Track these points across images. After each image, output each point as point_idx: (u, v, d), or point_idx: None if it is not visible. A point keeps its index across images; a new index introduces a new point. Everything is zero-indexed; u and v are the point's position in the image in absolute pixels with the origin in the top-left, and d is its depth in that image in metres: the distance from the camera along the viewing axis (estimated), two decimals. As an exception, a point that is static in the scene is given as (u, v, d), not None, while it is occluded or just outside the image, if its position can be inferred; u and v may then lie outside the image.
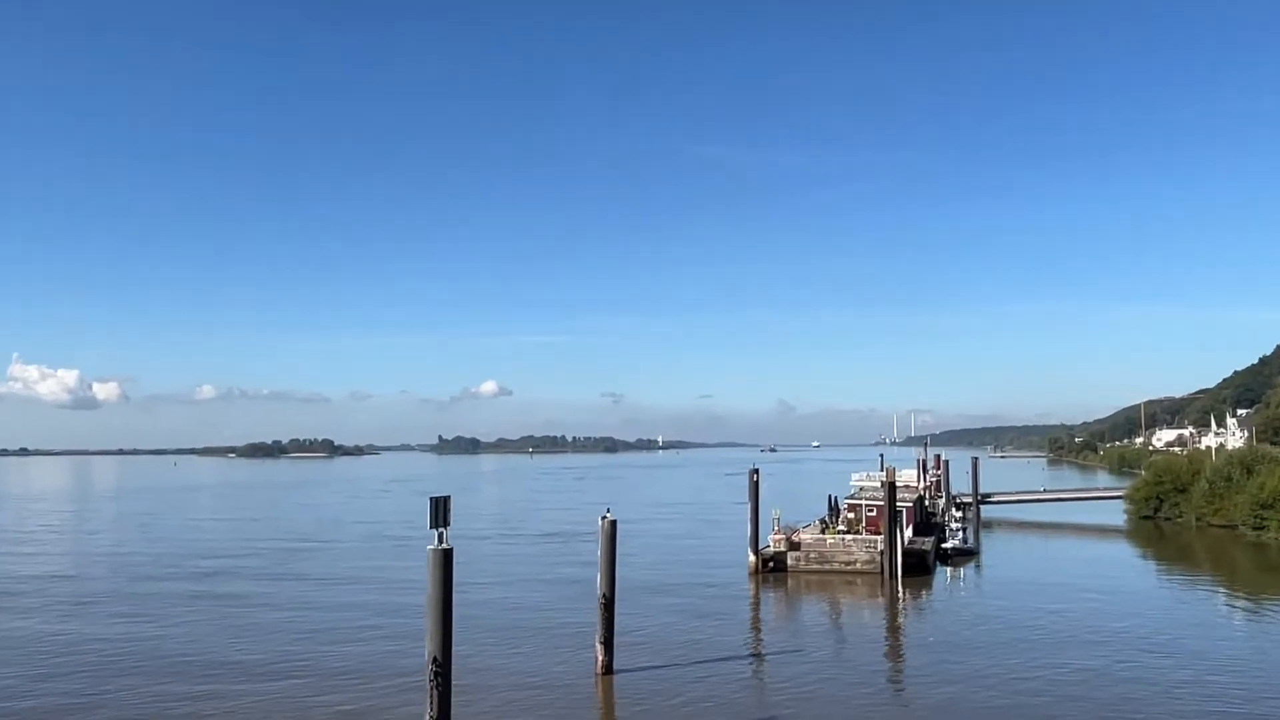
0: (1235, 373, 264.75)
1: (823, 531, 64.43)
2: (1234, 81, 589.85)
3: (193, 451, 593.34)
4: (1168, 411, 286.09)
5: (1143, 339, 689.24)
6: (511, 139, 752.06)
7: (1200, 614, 47.04)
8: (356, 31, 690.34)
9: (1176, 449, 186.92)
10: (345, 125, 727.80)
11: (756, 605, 51.41)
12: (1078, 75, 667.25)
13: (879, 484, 68.62)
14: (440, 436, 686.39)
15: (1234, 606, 49.71)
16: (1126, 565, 66.75)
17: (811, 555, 59.71)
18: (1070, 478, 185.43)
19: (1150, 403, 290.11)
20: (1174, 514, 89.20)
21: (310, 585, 56.90)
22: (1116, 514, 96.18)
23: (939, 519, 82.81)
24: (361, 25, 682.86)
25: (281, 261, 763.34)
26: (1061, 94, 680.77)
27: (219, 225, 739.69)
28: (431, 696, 23.88)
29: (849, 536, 61.55)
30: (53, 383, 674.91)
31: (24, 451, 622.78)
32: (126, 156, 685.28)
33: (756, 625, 46.32)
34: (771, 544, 60.85)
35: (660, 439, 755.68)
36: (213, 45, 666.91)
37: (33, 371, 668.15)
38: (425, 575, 24.02)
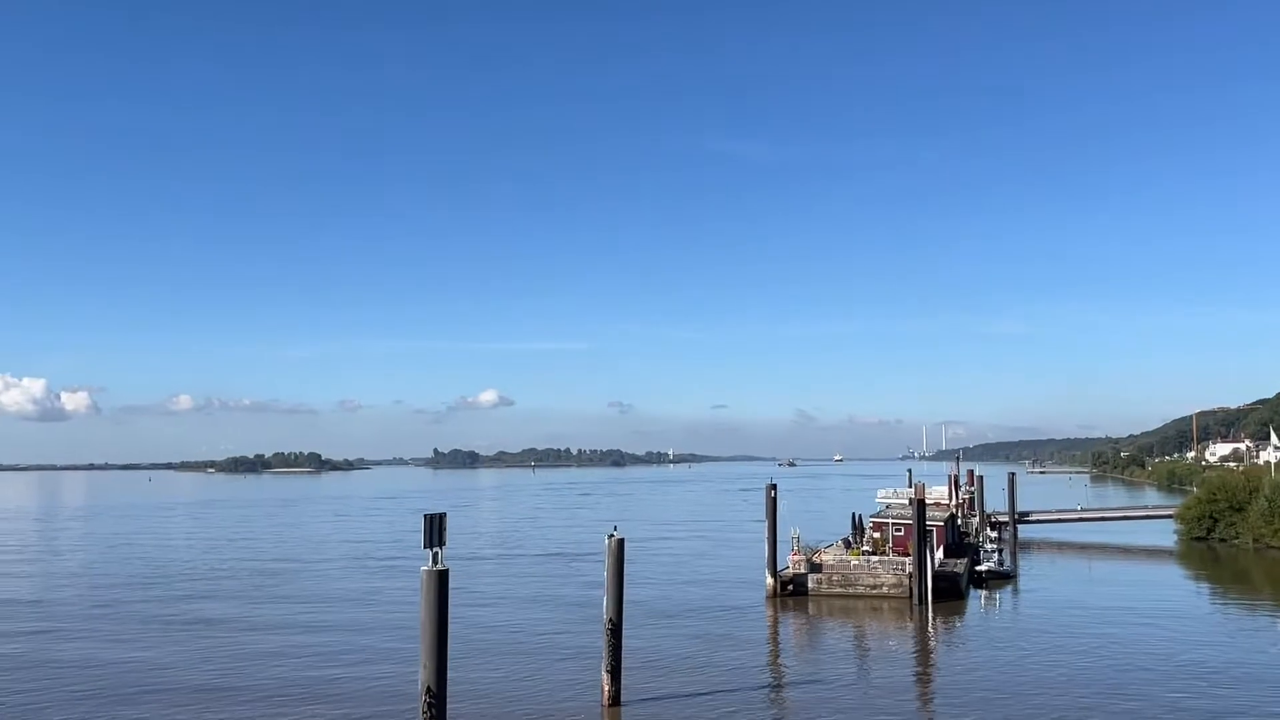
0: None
1: (846, 552, 64.30)
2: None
3: (169, 466, 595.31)
4: (1222, 423, 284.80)
5: (1195, 345, 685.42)
6: (511, 138, 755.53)
7: (1264, 643, 46.67)
8: (346, 29, 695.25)
9: (1232, 464, 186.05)
10: (333, 125, 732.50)
11: (774, 631, 51.35)
12: (1119, 70, 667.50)
13: (907, 501, 68.53)
14: (436, 450, 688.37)
15: (1299, 634, 49.43)
16: (1179, 590, 66.40)
17: (834, 578, 59.64)
18: (1115, 495, 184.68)
19: (1203, 414, 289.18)
20: (1229, 535, 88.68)
21: (291, 609, 57.03)
22: (1166, 535, 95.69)
23: (972, 539, 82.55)
24: (351, 23, 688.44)
25: (264, 263, 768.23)
26: (1103, 89, 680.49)
27: (196, 223, 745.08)
28: (424, 728, 23.91)
29: (874, 558, 61.41)
30: (16, 393, 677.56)
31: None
32: (96, 149, 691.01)
33: (775, 653, 46.26)
34: (790, 565, 60.79)
35: (671, 452, 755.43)
36: (192, 42, 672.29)
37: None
38: (418, 598, 24.09)
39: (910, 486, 78.83)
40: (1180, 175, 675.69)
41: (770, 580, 59.64)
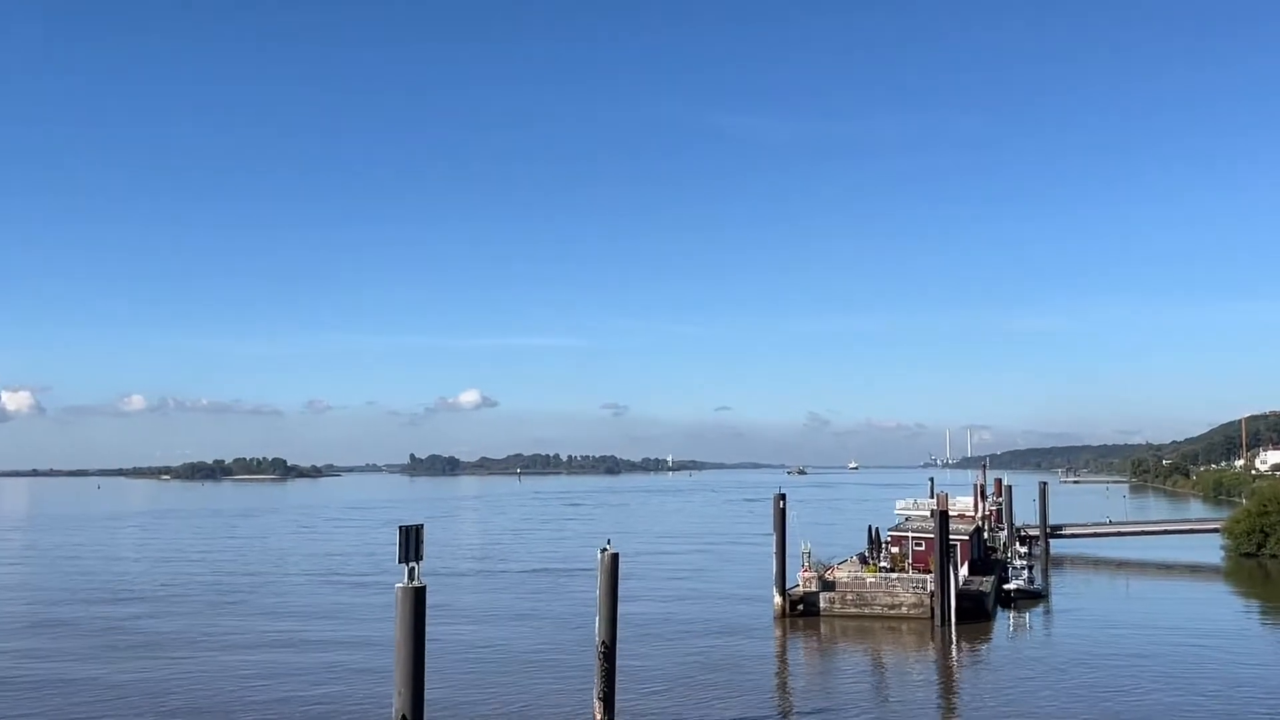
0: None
1: (861, 568, 64.35)
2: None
3: (120, 473, 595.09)
4: (1274, 429, 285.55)
5: (1244, 343, 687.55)
6: (494, 118, 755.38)
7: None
8: (322, 15, 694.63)
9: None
10: (299, 106, 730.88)
11: (783, 655, 51.39)
12: (1162, 55, 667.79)
13: (928, 513, 68.55)
14: (412, 455, 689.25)
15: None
16: (1227, 610, 66.42)
17: (848, 596, 59.69)
18: (1157, 507, 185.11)
19: (1253, 418, 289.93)
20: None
21: (251, 627, 57.00)
22: (1212, 551, 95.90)
23: (1000, 555, 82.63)
24: (325, 9, 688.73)
25: (225, 252, 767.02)
26: (1147, 70, 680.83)
27: (150, 210, 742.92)
28: (399, 761, 23.89)
29: (893, 575, 61.47)
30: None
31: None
32: (34, 132, 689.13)
33: (783, 679, 46.29)
34: (801, 583, 60.84)
35: (670, 458, 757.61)
36: (153, 32, 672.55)
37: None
38: (392, 617, 24.06)
39: (932, 497, 78.88)
40: (1225, 161, 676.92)
41: (778, 599, 59.66)
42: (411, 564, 24.08)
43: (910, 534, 67.99)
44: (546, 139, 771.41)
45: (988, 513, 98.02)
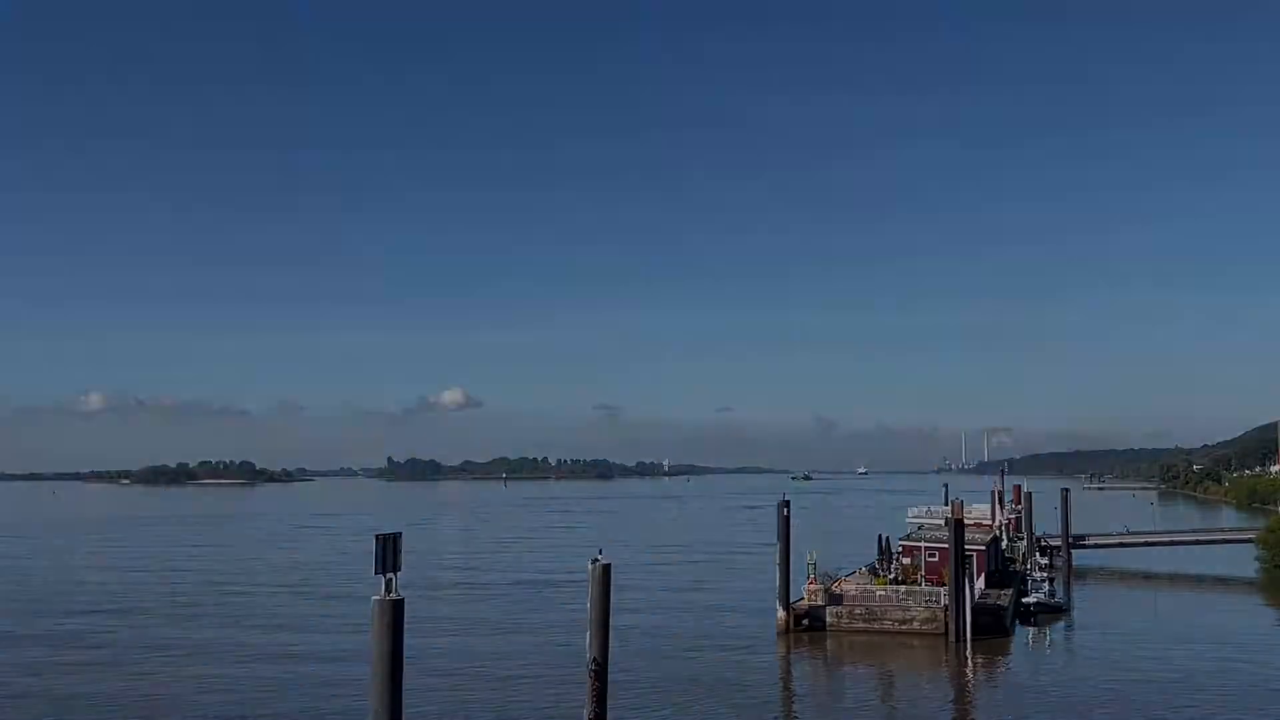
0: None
1: (871, 580, 64.44)
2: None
3: (76, 476, 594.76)
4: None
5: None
6: (484, 100, 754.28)
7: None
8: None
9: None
10: (285, 98, 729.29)
11: (786, 674, 51.48)
12: (1166, 47, 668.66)
13: (942, 521, 68.65)
14: (390, 459, 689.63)
15: None
16: (1261, 626, 66.69)
17: (857, 610, 59.76)
18: (1187, 515, 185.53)
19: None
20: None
21: (207, 644, 56.98)
22: (1246, 562, 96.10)
23: (1019, 566, 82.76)
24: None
25: (187, 242, 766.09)
26: (1160, 63, 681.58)
27: (107, 197, 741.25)
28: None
29: (904, 587, 61.56)
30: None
31: None
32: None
33: (787, 699, 46.39)
34: (806, 596, 60.89)
35: (666, 463, 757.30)
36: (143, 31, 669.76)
37: None
38: (368, 631, 24.02)
39: (946, 504, 79.00)
40: (1253, 155, 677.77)
41: (782, 613, 59.71)
42: (389, 575, 24.07)
43: (923, 544, 68.11)
44: (542, 128, 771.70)
45: (1006, 521, 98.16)
